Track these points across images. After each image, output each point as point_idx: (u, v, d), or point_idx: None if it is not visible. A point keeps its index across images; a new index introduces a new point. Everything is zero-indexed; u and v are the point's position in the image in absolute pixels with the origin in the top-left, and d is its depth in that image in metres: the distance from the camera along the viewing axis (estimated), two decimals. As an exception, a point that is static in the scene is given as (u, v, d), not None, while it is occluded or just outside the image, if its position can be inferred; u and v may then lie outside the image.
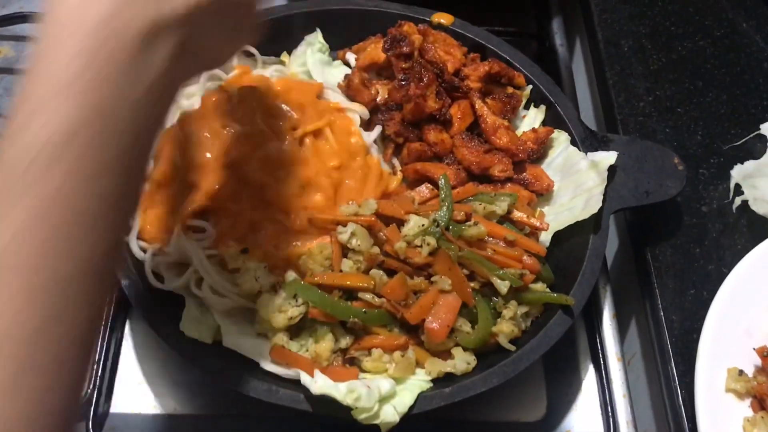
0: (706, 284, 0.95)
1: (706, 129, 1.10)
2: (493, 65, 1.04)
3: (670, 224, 1.01)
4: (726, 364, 0.85)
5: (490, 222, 0.90)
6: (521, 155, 0.99)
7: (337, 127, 0.97)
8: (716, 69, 1.17)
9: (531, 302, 0.88)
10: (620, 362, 0.97)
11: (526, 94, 1.07)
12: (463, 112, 1.01)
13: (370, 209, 0.89)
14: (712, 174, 1.06)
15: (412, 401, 0.79)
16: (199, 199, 0.88)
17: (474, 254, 0.86)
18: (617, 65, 1.17)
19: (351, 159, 0.96)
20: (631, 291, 1.03)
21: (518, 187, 0.98)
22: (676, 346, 0.91)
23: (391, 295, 0.84)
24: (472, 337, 0.84)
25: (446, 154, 1.00)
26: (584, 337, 0.99)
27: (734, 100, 1.14)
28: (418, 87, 0.97)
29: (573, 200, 0.96)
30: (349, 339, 0.84)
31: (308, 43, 1.10)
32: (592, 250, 0.91)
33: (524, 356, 0.84)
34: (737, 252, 0.97)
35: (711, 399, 0.83)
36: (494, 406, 0.93)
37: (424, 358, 0.84)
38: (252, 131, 0.91)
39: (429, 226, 0.87)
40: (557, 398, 0.95)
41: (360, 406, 0.75)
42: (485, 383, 0.82)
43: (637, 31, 1.22)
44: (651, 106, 1.13)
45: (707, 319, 0.87)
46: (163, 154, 0.92)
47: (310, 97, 0.99)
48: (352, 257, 0.87)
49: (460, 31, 1.10)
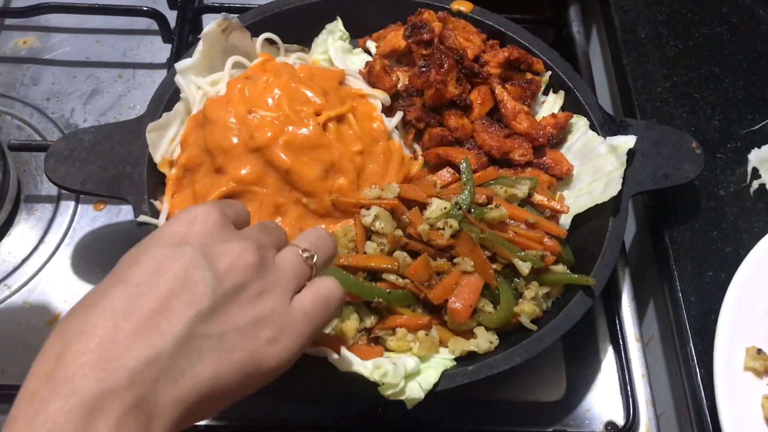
0: (724, 266, 0.97)
1: (723, 114, 1.12)
2: (513, 51, 1.05)
3: (688, 207, 1.02)
4: (744, 343, 0.87)
5: (511, 205, 0.92)
6: (541, 140, 1.00)
7: (360, 112, 0.99)
8: (733, 55, 1.18)
9: (552, 283, 0.89)
10: (639, 343, 0.98)
11: (545, 80, 1.09)
12: (483, 97, 1.02)
13: (392, 193, 0.90)
14: (729, 158, 1.07)
15: (436, 378, 0.81)
16: (226, 183, 0.91)
17: (496, 236, 0.87)
18: (634, 52, 1.18)
19: (373, 144, 0.97)
20: (650, 273, 1.05)
21: (538, 171, 0.99)
22: (694, 327, 0.92)
23: (415, 276, 0.85)
24: (494, 317, 0.86)
25: (467, 138, 1.01)
26: (603, 319, 1.00)
27: (751, 86, 1.15)
28: (439, 73, 0.99)
29: (592, 184, 0.98)
30: (374, 319, 0.86)
31: (329, 32, 1.11)
32: (612, 233, 0.93)
33: (546, 336, 0.85)
34: (755, 235, 0.99)
35: (730, 377, 0.85)
36: (515, 386, 0.95)
37: (447, 337, 0.86)
38: (276, 117, 0.92)
39: (451, 209, 0.88)
40: (577, 379, 0.96)
41: (387, 382, 0.77)
42: (508, 362, 0.83)
43: (653, 18, 1.23)
44: (668, 92, 1.14)
45: (726, 300, 0.89)
46: (189, 140, 0.94)
47: (333, 83, 1.00)
48: (376, 239, 0.89)
49: (480, 18, 1.12)
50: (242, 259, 0.59)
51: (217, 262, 0.58)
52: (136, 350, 0.51)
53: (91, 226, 1.06)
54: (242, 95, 0.94)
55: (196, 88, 0.98)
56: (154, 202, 0.92)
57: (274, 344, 0.58)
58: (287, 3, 1.10)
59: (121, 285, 0.54)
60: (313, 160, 0.92)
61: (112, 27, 1.26)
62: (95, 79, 1.20)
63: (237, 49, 1.02)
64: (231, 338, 0.56)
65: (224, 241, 0.60)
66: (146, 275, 0.55)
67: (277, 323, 0.59)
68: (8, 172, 1.03)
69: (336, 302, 0.65)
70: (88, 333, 0.51)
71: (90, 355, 0.50)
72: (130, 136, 0.94)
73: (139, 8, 1.22)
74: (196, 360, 0.53)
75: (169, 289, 0.54)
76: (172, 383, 0.52)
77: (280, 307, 0.60)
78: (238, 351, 0.56)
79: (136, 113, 1.14)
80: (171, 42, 1.21)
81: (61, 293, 0.99)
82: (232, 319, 0.57)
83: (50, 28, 1.26)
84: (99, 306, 0.53)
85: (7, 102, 1.16)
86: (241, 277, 0.58)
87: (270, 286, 0.60)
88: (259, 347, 0.57)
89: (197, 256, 0.57)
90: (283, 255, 0.64)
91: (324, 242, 0.68)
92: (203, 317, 0.55)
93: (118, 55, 1.24)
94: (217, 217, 0.61)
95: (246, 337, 0.57)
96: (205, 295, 0.55)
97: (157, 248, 0.58)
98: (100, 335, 0.51)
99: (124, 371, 0.50)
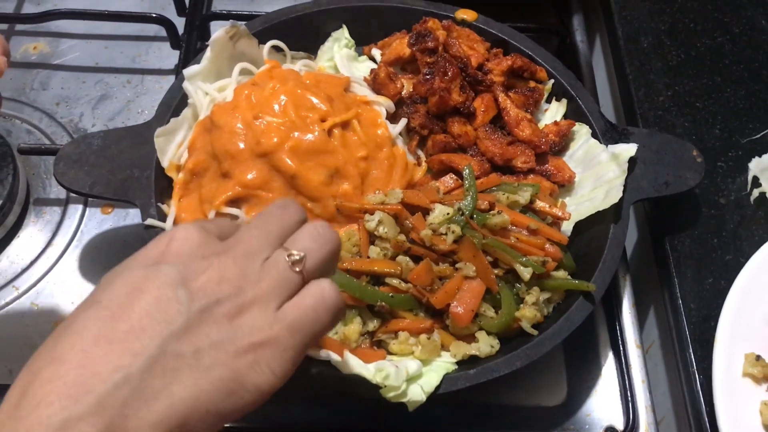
0: (724, 273, 0.98)
1: (725, 123, 1.13)
2: (516, 60, 1.07)
3: (689, 215, 1.03)
4: (743, 349, 0.87)
5: (513, 211, 0.93)
6: (543, 147, 1.01)
7: (364, 119, 1.00)
8: (734, 65, 1.19)
9: (553, 289, 0.90)
10: (639, 349, 0.99)
11: (548, 88, 1.10)
12: (486, 105, 1.04)
13: (396, 198, 0.92)
14: (730, 167, 1.08)
15: (438, 381, 0.82)
16: (232, 188, 0.92)
17: (498, 242, 0.88)
18: (637, 61, 1.19)
19: (377, 150, 0.99)
20: (651, 280, 1.06)
21: (540, 178, 1.00)
22: (694, 333, 0.93)
23: (417, 281, 0.86)
24: (495, 321, 0.87)
25: (470, 145, 1.02)
26: (604, 325, 1.01)
27: (752, 95, 1.16)
28: (443, 81, 1.00)
29: (594, 191, 0.99)
30: (377, 322, 0.87)
31: (335, 39, 1.13)
32: (613, 240, 0.94)
33: (546, 340, 0.86)
34: (755, 243, 0.99)
35: (728, 383, 0.85)
36: (516, 390, 0.96)
37: (449, 341, 0.87)
38: (282, 123, 0.94)
39: (454, 215, 0.90)
40: (577, 384, 0.97)
41: (389, 384, 0.78)
42: (508, 365, 0.84)
43: (656, 27, 1.24)
44: (670, 101, 1.15)
45: (725, 306, 0.90)
46: (197, 145, 0.95)
47: (338, 90, 1.02)
48: (379, 244, 0.90)
49: (484, 26, 1.13)
50: (219, 273, 0.56)
51: (193, 279, 0.55)
52: (105, 374, 0.49)
53: (98, 229, 1.07)
54: (249, 101, 0.96)
55: (204, 94, 1.00)
56: (161, 206, 0.93)
57: (255, 360, 0.55)
58: (294, 11, 1.11)
59: (93, 308, 0.53)
60: (318, 165, 0.93)
61: (121, 33, 1.28)
62: (104, 85, 1.22)
63: (244, 55, 1.04)
64: (208, 355, 0.53)
65: (202, 257, 0.57)
66: (119, 297, 0.53)
67: (257, 338, 0.55)
68: (18, 176, 1.04)
69: (328, 309, 0.59)
70: (56, 360, 0.50)
71: (56, 383, 0.48)
72: (139, 140, 0.96)
73: (148, 15, 1.24)
74: (170, 380, 0.51)
75: (142, 310, 0.52)
76: (144, 405, 0.49)
77: (260, 320, 0.56)
78: (217, 368, 0.53)
79: (144, 118, 1.15)
80: (179, 48, 1.23)
81: (68, 295, 1.01)
82: (208, 335, 0.53)
83: (60, 34, 1.27)
84: (70, 331, 0.51)
85: (17, 106, 1.18)
86: (218, 292, 0.55)
87: (249, 301, 0.56)
88: (240, 364, 0.54)
89: (171, 274, 0.54)
90: (270, 263, 0.59)
91: (317, 241, 0.62)
92: (177, 335, 0.52)
93: (127, 60, 1.26)
94: (196, 234, 0.58)
95: (224, 353, 0.54)
96: (179, 313, 0.53)
97: (131, 270, 0.55)
98: (69, 361, 0.49)
99: (91, 397, 0.48)
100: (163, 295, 0.53)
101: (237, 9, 1.29)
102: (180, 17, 1.27)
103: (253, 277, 0.57)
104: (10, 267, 1.03)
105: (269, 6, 1.23)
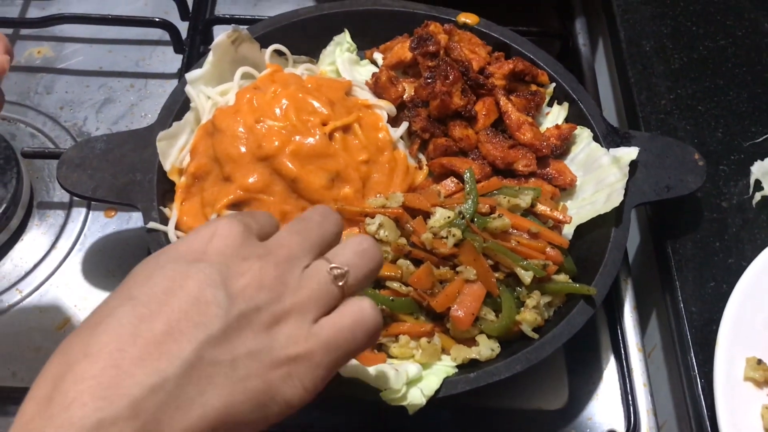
0: (726, 277, 0.97)
1: (727, 126, 1.12)
2: (518, 63, 1.07)
3: (691, 219, 1.03)
4: (745, 353, 0.87)
5: (514, 215, 0.93)
6: (545, 151, 1.01)
7: (366, 122, 1.00)
8: (737, 68, 1.19)
9: (554, 292, 0.90)
10: (641, 353, 0.99)
11: (550, 91, 1.10)
12: (487, 108, 1.04)
13: (397, 202, 0.92)
14: (732, 170, 1.08)
15: (438, 385, 0.82)
16: (234, 191, 0.92)
17: (498, 245, 0.89)
18: (639, 64, 1.19)
19: (378, 153, 0.99)
20: (652, 284, 1.05)
21: (542, 182, 1.01)
22: (695, 337, 0.93)
23: (418, 284, 0.87)
24: (496, 325, 0.87)
25: (471, 149, 1.03)
26: (606, 328, 1.01)
27: (755, 99, 1.15)
28: (444, 84, 1.00)
29: (595, 194, 0.99)
30: (377, 326, 0.87)
31: (337, 43, 1.13)
32: (614, 243, 0.94)
33: (547, 344, 0.86)
34: (757, 246, 0.99)
35: (730, 387, 0.85)
36: (517, 394, 0.96)
37: (450, 344, 0.87)
38: (284, 126, 0.94)
39: (454, 218, 0.90)
40: (578, 388, 0.97)
41: (389, 387, 0.78)
42: (509, 369, 0.84)
43: (658, 31, 1.24)
44: (672, 104, 1.15)
45: (726, 310, 0.89)
46: (199, 149, 0.96)
47: (340, 94, 1.02)
48: (380, 247, 0.90)
49: (485, 30, 1.13)
50: (260, 278, 0.55)
51: (233, 281, 0.54)
52: (141, 376, 0.48)
53: (101, 232, 1.08)
54: (251, 105, 0.96)
55: (206, 98, 1.00)
56: (163, 210, 0.94)
57: (289, 374, 0.54)
58: (296, 15, 1.12)
59: (130, 304, 0.51)
60: (319, 168, 0.93)
61: (124, 38, 1.28)
62: (108, 89, 1.23)
63: (246, 60, 1.04)
64: (244, 365, 0.52)
65: (243, 258, 0.56)
66: (157, 294, 0.52)
67: (293, 351, 0.54)
68: (21, 179, 1.05)
69: (367, 331, 0.58)
70: (91, 356, 0.48)
71: (90, 382, 0.47)
72: (141, 144, 0.96)
73: (151, 19, 1.24)
74: (206, 387, 0.50)
75: (180, 310, 0.51)
76: (179, 412, 0.48)
77: (297, 332, 0.55)
78: (252, 379, 0.52)
79: (147, 122, 1.16)
80: (182, 53, 1.23)
81: (71, 298, 1.01)
82: (245, 344, 0.52)
83: (64, 39, 1.28)
84: (105, 326, 0.50)
85: (21, 110, 1.18)
86: (257, 298, 0.54)
87: (287, 310, 0.55)
88: (274, 376, 0.53)
89: (212, 274, 0.53)
90: (310, 272, 0.58)
91: (362, 257, 0.60)
92: (215, 341, 0.51)
93: (131, 65, 1.26)
94: (238, 232, 0.57)
95: (260, 364, 0.53)
96: (217, 317, 0.52)
97: (171, 264, 0.54)
98: (104, 359, 0.48)
99: (126, 400, 0.47)
100: (203, 296, 0.52)
101: (240, 13, 1.29)
102: (183, 22, 1.27)
103: (292, 284, 0.56)
104: (13, 270, 1.03)
105: (272, 10, 1.24)
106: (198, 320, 0.51)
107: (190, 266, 0.54)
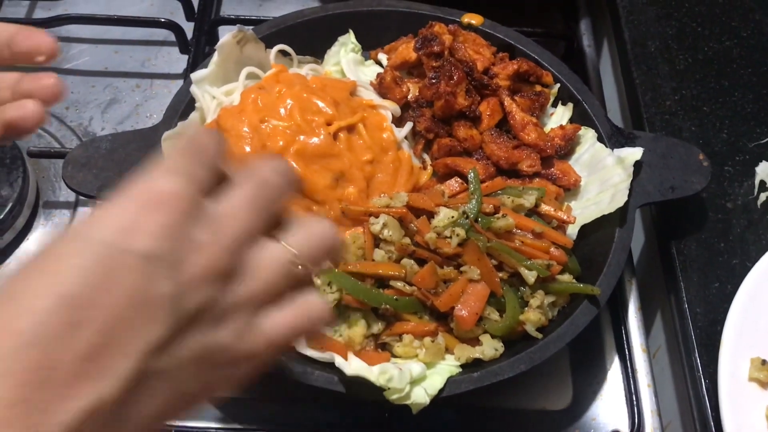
0: (731, 278, 0.97)
1: (732, 127, 1.12)
2: (522, 64, 1.07)
3: (695, 219, 1.03)
4: (749, 354, 0.87)
5: (518, 215, 0.93)
6: (549, 151, 1.01)
7: (370, 122, 1.00)
8: (742, 69, 1.19)
9: (558, 292, 0.90)
10: (645, 353, 0.99)
11: (554, 92, 1.10)
12: (492, 109, 1.04)
13: (401, 201, 0.92)
14: (737, 171, 1.08)
15: (441, 384, 0.82)
16: (238, 191, 0.92)
17: (502, 245, 0.89)
18: (644, 65, 1.19)
19: (383, 153, 0.99)
20: (657, 284, 1.05)
21: (546, 182, 1.00)
22: (700, 337, 0.93)
23: (422, 284, 0.87)
24: (500, 324, 0.87)
25: (475, 149, 1.03)
26: (610, 329, 1.01)
27: (760, 100, 1.15)
28: (449, 85, 1.00)
29: (599, 195, 0.99)
30: (381, 325, 0.87)
31: (341, 44, 1.13)
32: (618, 243, 0.94)
33: (551, 344, 0.86)
34: (762, 247, 0.99)
35: (734, 388, 0.85)
36: (520, 394, 0.96)
37: (453, 344, 0.87)
38: (288, 126, 0.94)
39: (458, 218, 0.90)
40: (583, 388, 0.97)
41: (392, 386, 0.78)
42: (512, 369, 0.84)
43: (663, 32, 1.24)
44: (677, 105, 1.15)
45: (731, 310, 0.89)
46: (203, 148, 0.96)
47: (344, 94, 1.02)
48: (384, 247, 0.90)
49: (490, 31, 1.13)
50: (210, 265, 0.46)
51: (178, 269, 0.45)
52: (75, 399, 0.41)
53: (106, 231, 1.08)
54: (255, 105, 0.96)
55: (211, 97, 1.00)
56: (168, 209, 0.94)
57: (230, 376, 0.50)
58: (301, 16, 1.12)
59: (58, 302, 0.42)
60: (324, 168, 0.94)
61: (130, 38, 1.29)
62: (113, 89, 1.23)
63: (251, 60, 1.05)
64: (186, 371, 0.46)
65: (189, 237, 0.46)
66: (89, 291, 0.42)
67: (239, 351, 0.49)
68: (27, 179, 1.06)
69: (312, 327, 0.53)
70: (13, 375, 0.40)
71: (14, 410, 0.39)
72: (146, 144, 0.97)
73: (156, 20, 1.25)
74: (145, 401, 0.44)
75: (118, 314, 0.43)
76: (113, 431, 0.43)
77: (244, 330, 0.49)
78: (192, 384, 0.47)
79: (153, 122, 1.16)
80: (188, 53, 1.24)
81: (76, 297, 1.01)
82: (189, 346, 0.46)
83: (70, 39, 1.29)
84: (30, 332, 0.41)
85: (27, 110, 1.19)
86: (206, 291, 0.46)
87: (237, 303, 0.48)
88: (214, 377, 0.49)
89: (155, 262, 0.44)
90: (263, 257, 0.50)
91: (316, 242, 0.53)
92: (158, 348, 0.44)
93: (136, 65, 1.27)
94: (181, 194, 0.47)
95: (202, 367, 0.47)
96: (162, 321, 0.44)
97: (102, 248, 0.44)
98: (30, 379, 0.40)
99: (58, 429, 0.40)
100: (144, 291, 0.44)
101: (245, 14, 1.30)
102: (189, 22, 1.28)
103: (243, 272, 0.49)
104: (19, 269, 1.04)
105: (277, 11, 1.24)
106: (139, 324, 0.43)
107: (125, 254, 0.44)
